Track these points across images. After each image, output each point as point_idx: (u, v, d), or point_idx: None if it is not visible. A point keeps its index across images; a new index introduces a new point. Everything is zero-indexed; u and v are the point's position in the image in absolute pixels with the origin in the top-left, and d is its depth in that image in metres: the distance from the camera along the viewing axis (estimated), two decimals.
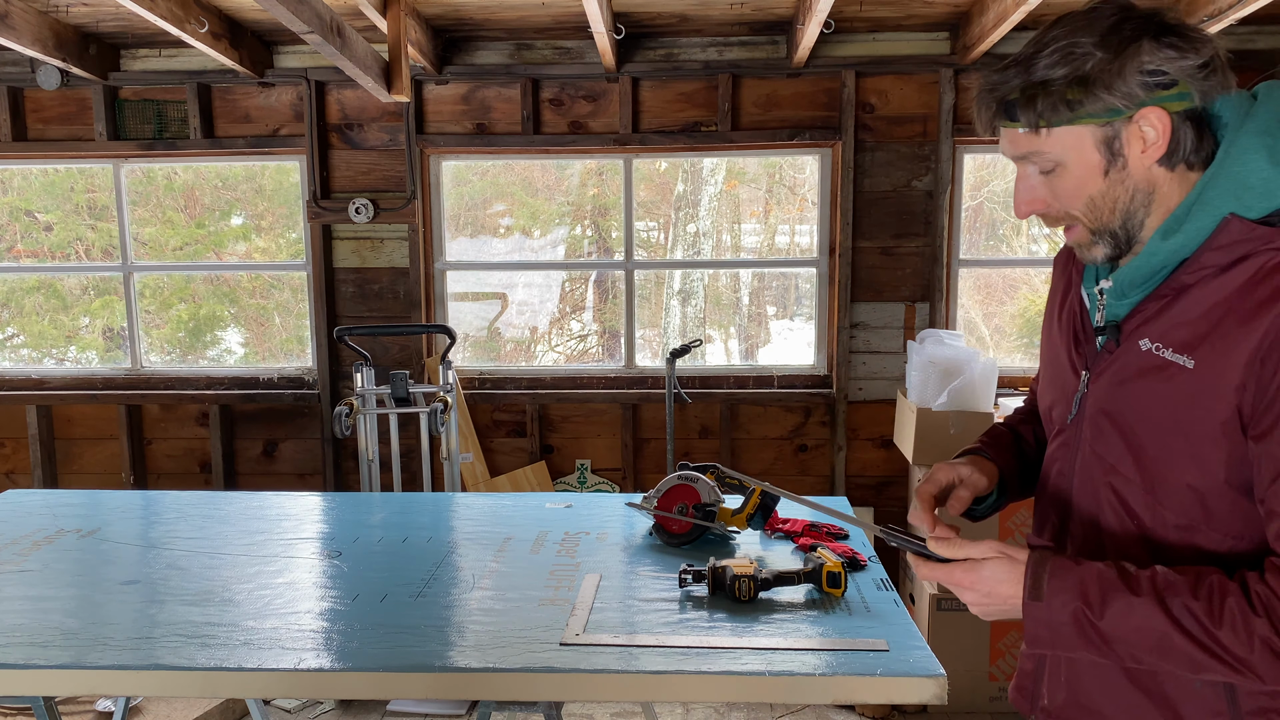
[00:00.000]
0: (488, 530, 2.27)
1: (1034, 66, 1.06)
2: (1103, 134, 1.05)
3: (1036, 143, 1.08)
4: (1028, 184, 1.12)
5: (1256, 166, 1.04)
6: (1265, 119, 1.08)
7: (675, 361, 3.51)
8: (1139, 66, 1.02)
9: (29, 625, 1.71)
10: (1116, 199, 1.08)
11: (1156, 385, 1.08)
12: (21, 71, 4.07)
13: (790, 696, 1.52)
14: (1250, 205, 1.04)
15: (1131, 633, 1.03)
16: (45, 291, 4.56)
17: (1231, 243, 1.04)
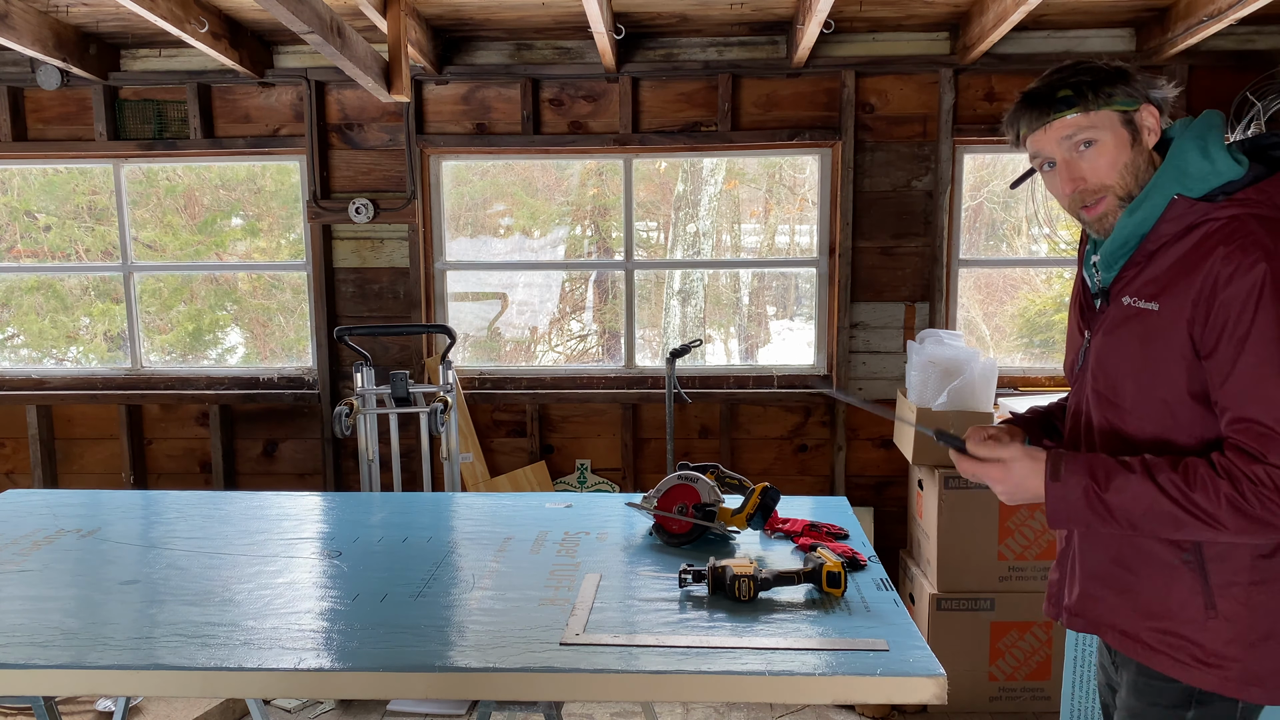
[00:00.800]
0: (488, 530, 2.27)
1: (1078, 71, 1.44)
2: (1126, 117, 1.44)
3: (1084, 122, 1.43)
4: (1073, 165, 1.46)
5: (1193, 159, 1.41)
6: (1200, 127, 1.45)
7: (675, 361, 3.51)
8: (1136, 78, 1.45)
9: (29, 625, 1.71)
10: (1138, 166, 1.45)
11: (1134, 327, 1.44)
12: (21, 71, 4.08)
13: (790, 696, 1.52)
14: (1191, 187, 1.41)
15: (1129, 500, 1.35)
16: (45, 292, 4.56)
17: (1178, 215, 1.40)
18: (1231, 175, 1.39)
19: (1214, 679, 1.39)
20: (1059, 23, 3.80)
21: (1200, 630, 1.40)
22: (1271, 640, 1.38)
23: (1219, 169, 1.40)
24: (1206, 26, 3.32)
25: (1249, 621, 1.38)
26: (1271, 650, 1.38)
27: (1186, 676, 1.41)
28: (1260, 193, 1.37)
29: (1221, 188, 1.39)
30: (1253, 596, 1.38)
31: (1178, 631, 1.42)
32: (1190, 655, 1.41)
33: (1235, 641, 1.38)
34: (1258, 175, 1.40)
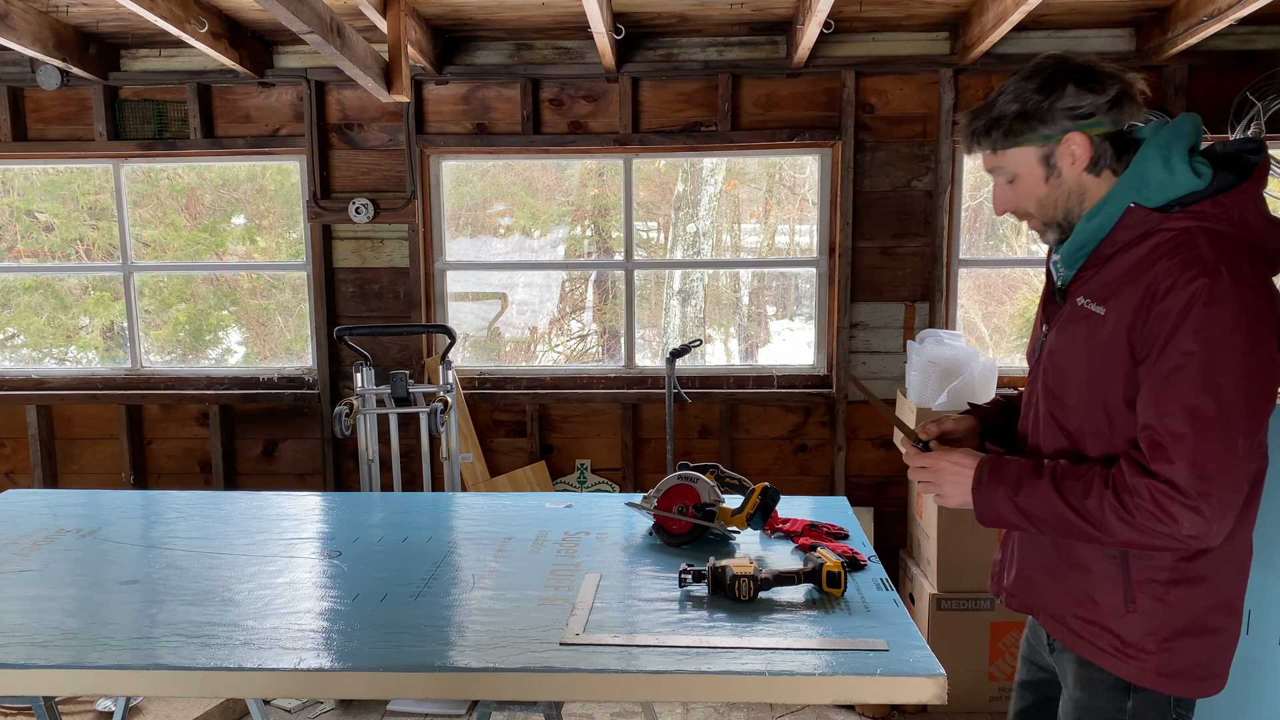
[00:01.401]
0: (488, 530, 2.27)
1: (994, 107, 1.49)
2: (1042, 153, 1.48)
3: (997, 160, 1.52)
4: (1000, 191, 1.56)
5: (1154, 169, 1.42)
6: (1167, 137, 1.43)
7: (675, 361, 3.51)
8: (1064, 104, 1.43)
9: (29, 625, 1.71)
10: (1057, 199, 1.50)
11: (1081, 328, 1.48)
12: (21, 71, 4.08)
13: (790, 696, 1.52)
14: (1149, 197, 1.42)
15: (1037, 507, 1.43)
16: (44, 291, 4.56)
17: (1134, 224, 1.43)
18: (1190, 188, 1.40)
19: (1132, 669, 1.46)
20: (1059, 23, 3.80)
21: (1120, 622, 1.47)
22: (1187, 637, 1.44)
23: (1178, 181, 1.40)
24: (1206, 26, 3.32)
25: (1164, 618, 1.43)
26: (1187, 646, 1.44)
27: (1108, 664, 1.48)
28: (1217, 205, 1.38)
29: (1179, 199, 1.40)
30: (1170, 594, 1.43)
31: (1100, 622, 1.49)
32: (1110, 645, 1.48)
33: (1151, 636, 1.44)
34: (1221, 185, 1.40)
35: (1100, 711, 1.51)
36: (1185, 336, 1.32)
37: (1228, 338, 1.30)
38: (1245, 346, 1.30)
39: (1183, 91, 3.86)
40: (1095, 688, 1.51)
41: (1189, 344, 1.31)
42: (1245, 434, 1.31)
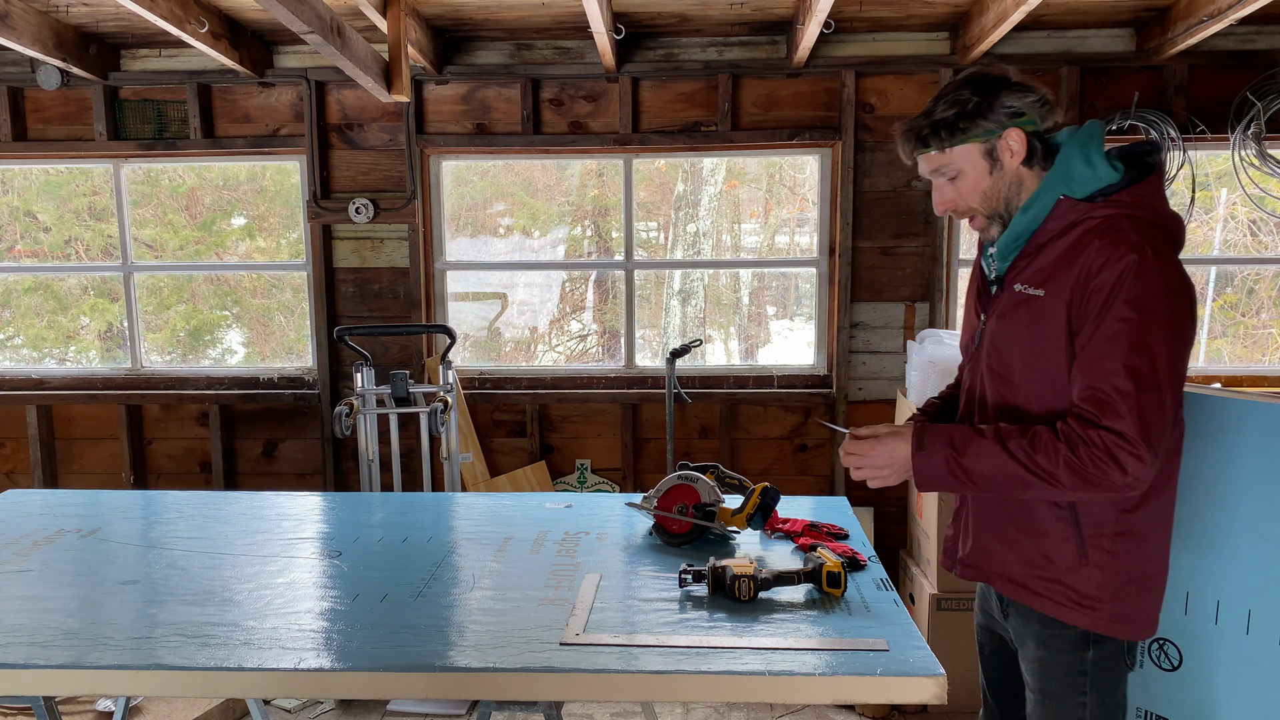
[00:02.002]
0: (488, 530, 2.27)
1: (935, 111, 1.63)
2: (985, 148, 1.62)
3: (944, 159, 1.64)
4: (943, 190, 1.67)
5: (1078, 165, 1.59)
6: (1084, 136, 1.62)
7: (675, 361, 3.51)
8: (1001, 103, 1.59)
9: (29, 625, 1.71)
10: (1000, 190, 1.64)
11: (1023, 311, 1.62)
12: (21, 71, 4.08)
13: (790, 696, 1.52)
14: (1076, 189, 1.58)
15: (983, 464, 1.54)
16: (43, 293, 4.56)
17: (1064, 214, 1.59)
18: (1109, 179, 1.57)
19: (1089, 619, 1.59)
20: (1059, 23, 3.80)
21: (1075, 576, 1.60)
22: (1133, 584, 1.60)
23: (1099, 174, 1.58)
24: (1206, 26, 3.32)
25: (1113, 568, 1.58)
26: (1133, 592, 1.60)
27: (1069, 617, 1.61)
28: (1133, 195, 1.56)
29: (1100, 190, 1.58)
30: (1117, 545, 1.58)
31: (1057, 578, 1.62)
32: (1068, 598, 1.61)
33: (1105, 585, 1.59)
34: (1132, 179, 1.58)
35: (1064, 665, 1.63)
36: (1120, 305, 1.48)
37: (1156, 304, 1.47)
38: (1170, 312, 1.48)
39: (1183, 91, 3.86)
40: (1058, 644, 1.64)
41: (1125, 311, 1.47)
42: (1171, 391, 1.48)
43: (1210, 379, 4.09)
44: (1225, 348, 4.47)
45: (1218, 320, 4.44)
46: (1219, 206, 4.35)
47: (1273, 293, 4.40)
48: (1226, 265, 4.38)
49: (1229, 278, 4.43)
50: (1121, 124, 3.82)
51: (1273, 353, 4.41)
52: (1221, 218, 4.38)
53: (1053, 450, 1.50)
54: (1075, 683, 1.63)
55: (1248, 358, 4.45)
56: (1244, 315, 4.46)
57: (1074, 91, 3.88)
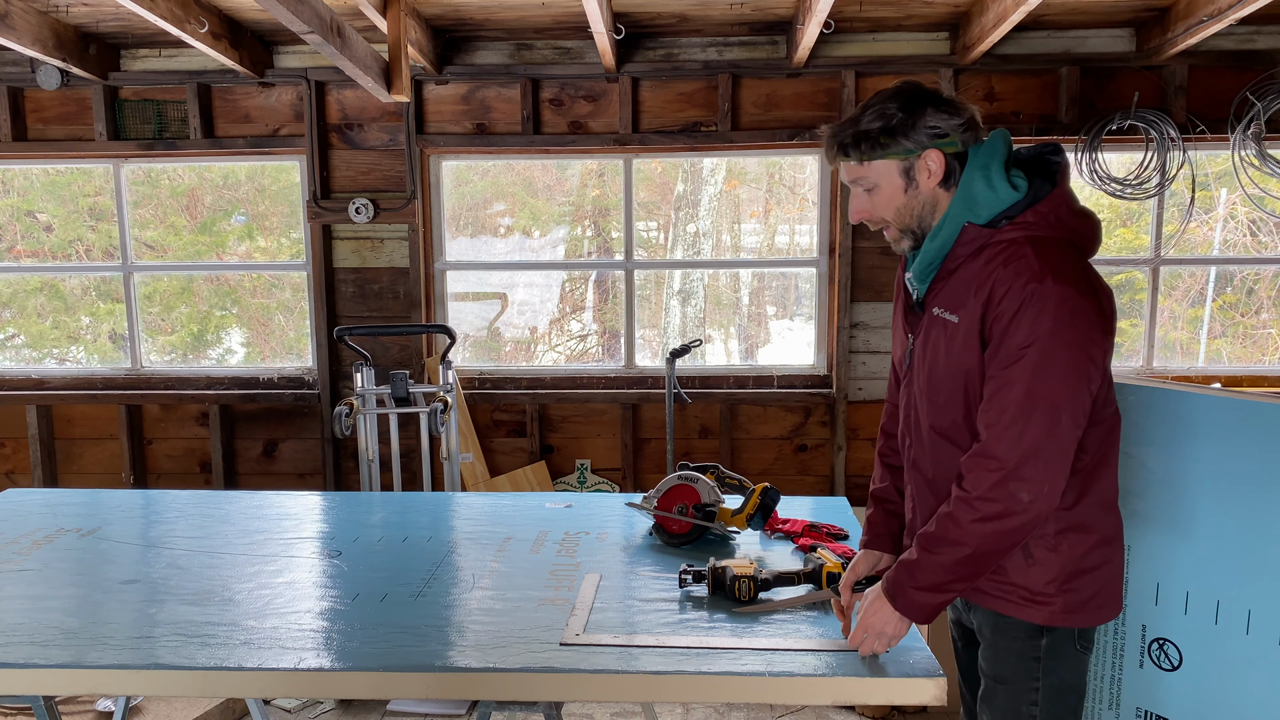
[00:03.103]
0: (488, 530, 2.27)
1: (860, 121, 1.62)
2: (903, 166, 1.61)
3: (862, 171, 1.64)
4: (858, 200, 1.68)
5: (979, 189, 1.59)
6: (984, 156, 1.60)
7: (675, 361, 3.51)
8: (925, 123, 1.58)
9: (29, 624, 1.71)
10: (913, 209, 1.64)
11: (941, 334, 1.64)
12: (21, 71, 4.08)
13: (790, 697, 1.52)
14: (979, 214, 1.59)
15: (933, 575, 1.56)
16: (47, 293, 4.56)
17: (970, 240, 1.59)
18: (1011, 200, 1.58)
19: (1043, 614, 1.62)
20: (1059, 23, 3.80)
21: (1023, 575, 1.62)
22: (1081, 577, 1.62)
23: (1000, 196, 1.58)
24: (1206, 26, 3.32)
25: (1059, 565, 1.61)
26: (1083, 584, 1.62)
27: (1021, 614, 1.63)
28: (1037, 214, 1.56)
29: (1005, 212, 1.58)
30: (1061, 541, 1.61)
31: (1008, 579, 1.63)
32: (1020, 596, 1.63)
33: (1053, 582, 1.61)
34: (1038, 194, 1.58)
35: (1018, 652, 1.66)
36: (1018, 334, 1.49)
37: (1054, 333, 1.47)
38: (1068, 338, 1.48)
39: (1183, 91, 3.86)
40: (1012, 632, 1.66)
41: (1022, 340, 1.49)
42: (1070, 411, 1.49)
43: (1210, 379, 4.09)
44: (1225, 348, 4.47)
45: (1218, 320, 4.45)
46: (1219, 206, 4.35)
47: (1272, 293, 4.40)
48: (1226, 265, 4.38)
49: (1228, 278, 4.43)
50: (1121, 124, 3.82)
51: (1272, 353, 4.41)
52: (1221, 218, 4.38)
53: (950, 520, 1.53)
54: (1028, 669, 1.65)
55: (1247, 358, 4.45)
56: (1244, 315, 4.46)
57: (1074, 92, 3.88)
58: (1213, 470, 2.08)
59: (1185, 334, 4.47)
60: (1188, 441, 2.11)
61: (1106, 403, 1.61)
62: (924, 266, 1.67)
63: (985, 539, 1.52)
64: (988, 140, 1.62)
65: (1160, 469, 2.16)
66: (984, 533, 1.51)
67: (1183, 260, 4.18)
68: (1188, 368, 4.21)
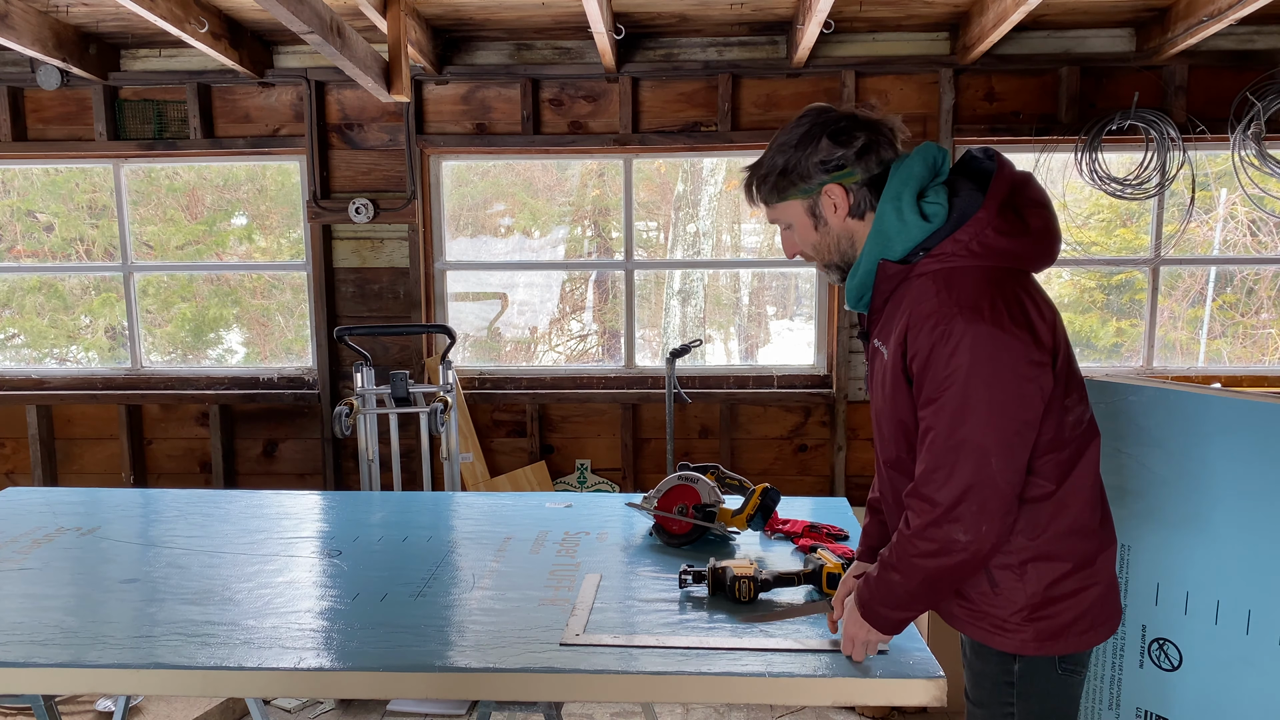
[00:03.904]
0: (488, 530, 2.27)
1: (761, 165, 1.65)
2: (806, 205, 1.60)
3: (773, 213, 1.66)
4: (785, 237, 1.68)
5: (890, 223, 1.52)
6: (895, 186, 1.52)
7: (675, 361, 3.51)
8: (818, 158, 1.55)
9: (29, 623, 1.71)
10: (828, 245, 1.62)
11: (877, 366, 1.62)
12: (21, 71, 4.08)
13: (790, 698, 1.52)
14: (893, 249, 1.52)
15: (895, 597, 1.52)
16: (46, 292, 4.56)
17: (888, 276, 1.54)
18: (924, 233, 1.50)
19: (1013, 642, 1.57)
20: (1059, 23, 3.80)
21: (990, 604, 1.58)
22: (1053, 605, 1.56)
23: (910, 231, 1.50)
24: (1206, 26, 3.32)
25: (1027, 593, 1.55)
26: (1057, 612, 1.56)
27: (993, 643, 1.59)
28: (955, 243, 1.48)
29: (921, 244, 1.50)
30: (1026, 572, 1.55)
31: (976, 607, 1.60)
32: (989, 624, 1.59)
33: (1020, 611, 1.56)
34: (964, 215, 1.49)
35: (992, 676, 1.62)
36: (933, 375, 1.44)
37: (971, 372, 1.41)
38: (986, 376, 1.41)
39: (1182, 91, 3.86)
40: (987, 654, 1.63)
41: (937, 382, 1.44)
42: (999, 452, 1.43)
43: (1210, 379, 4.09)
44: (1225, 348, 4.47)
45: (1217, 320, 4.45)
46: (1219, 206, 4.35)
47: (1272, 293, 4.41)
48: (1226, 265, 4.38)
49: (1228, 278, 4.43)
50: (1121, 124, 3.82)
51: (1272, 353, 4.41)
52: (1221, 218, 4.38)
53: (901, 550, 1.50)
54: (1002, 693, 1.61)
55: (1247, 358, 4.45)
56: (1243, 315, 4.46)
57: (1074, 91, 3.88)
58: (1213, 471, 2.08)
59: (1185, 334, 4.47)
60: (1188, 442, 2.11)
61: (1071, 425, 1.53)
62: (853, 300, 1.64)
63: (929, 573, 1.48)
64: (904, 163, 1.53)
65: (1161, 469, 2.16)
66: (926, 568, 1.48)
67: (1183, 260, 4.18)
68: (1188, 368, 4.21)
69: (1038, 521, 1.53)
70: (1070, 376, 1.53)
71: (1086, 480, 1.57)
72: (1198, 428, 2.09)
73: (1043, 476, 1.52)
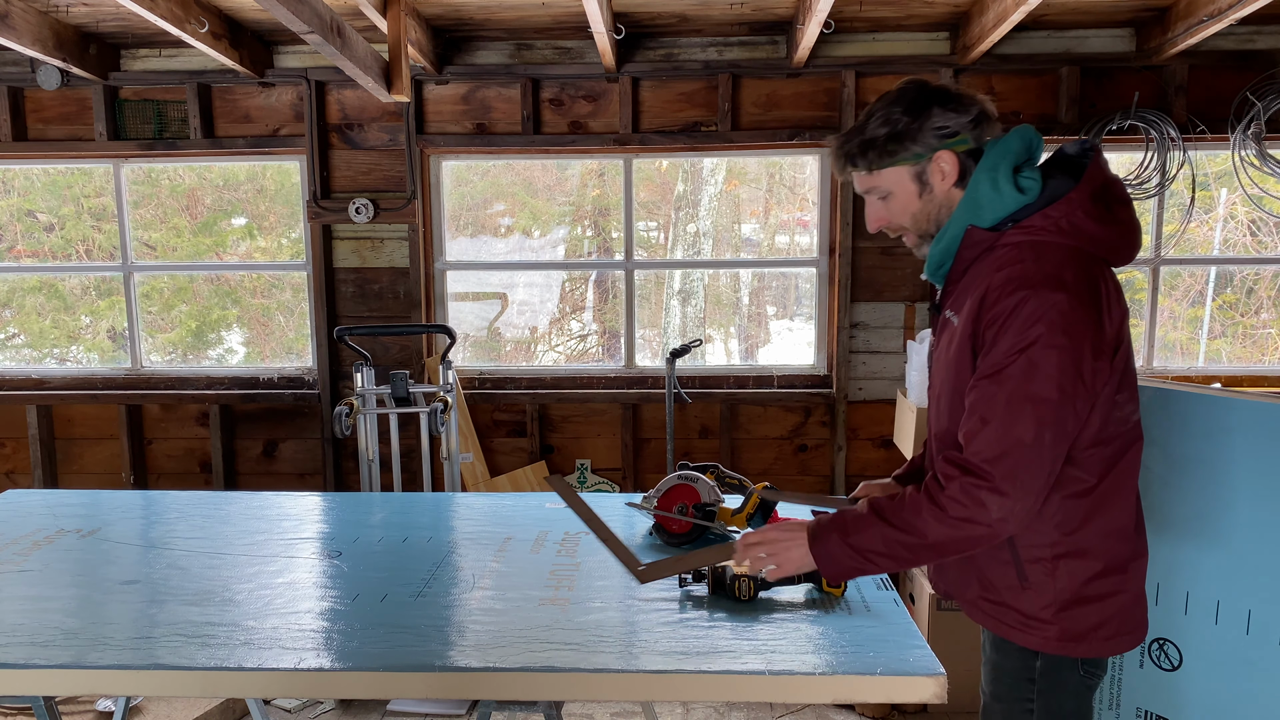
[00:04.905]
0: (488, 530, 2.27)
1: (866, 130, 1.61)
2: (914, 171, 1.59)
3: (873, 181, 1.62)
4: (874, 208, 1.66)
5: (984, 191, 1.54)
6: (994, 157, 1.55)
7: (675, 361, 3.51)
8: (932, 125, 1.56)
9: (29, 625, 1.71)
10: (930, 213, 1.62)
11: (945, 337, 1.64)
12: (21, 71, 4.08)
13: (790, 696, 1.52)
14: (983, 218, 1.55)
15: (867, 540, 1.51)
16: (47, 292, 4.56)
17: (975, 243, 1.56)
18: (1017, 204, 1.53)
19: (1036, 639, 1.57)
20: (1059, 22, 3.80)
21: (1018, 599, 1.58)
22: (1080, 605, 1.55)
23: (1004, 200, 1.53)
24: (1206, 26, 3.32)
25: (1056, 590, 1.55)
26: (1083, 613, 1.56)
27: (1016, 638, 1.59)
28: (1045, 218, 1.51)
29: (1011, 215, 1.53)
30: (1058, 568, 1.55)
31: (1002, 600, 1.60)
32: (1014, 619, 1.59)
33: (1048, 607, 1.55)
34: (1054, 194, 1.52)
35: (1013, 671, 1.62)
36: (1005, 342, 1.44)
37: (1043, 342, 1.42)
38: (1057, 348, 1.41)
39: (1183, 91, 3.86)
40: (1008, 650, 1.63)
41: (1008, 348, 1.44)
42: (1054, 427, 1.43)
43: (1210, 379, 4.09)
44: (1225, 348, 4.47)
45: (1217, 320, 4.45)
46: (1219, 206, 4.35)
47: (1272, 293, 4.41)
48: (1226, 265, 4.38)
49: (1228, 278, 4.43)
50: (1121, 124, 3.82)
51: (1272, 353, 4.41)
52: (1221, 218, 4.38)
53: (915, 505, 1.48)
54: (1022, 690, 1.61)
55: (1247, 358, 4.45)
56: (1243, 315, 4.46)
57: (1074, 91, 3.88)
58: (1214, 471, 2.08)
59: (1185, 334, 4.47)
60: (1189, 442, 2.12)
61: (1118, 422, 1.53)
62: (933, 269, 1.64)
63: (940, 539, 1.47)
64: (1002, 139, 1.57)
65: (1161, 469, 2.16)
66: (940, 532, 1.46)
67: (1183, 260, 4.18)
68: (1187, 368, 4.21)
69: (1074, 516, 1.52)
70: (1126, 373, 1.53)
71: (1126, 481, 1.56)
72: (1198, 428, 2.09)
73: (1084, 470, 1.51)
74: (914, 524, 1.47)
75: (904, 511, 1.49)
